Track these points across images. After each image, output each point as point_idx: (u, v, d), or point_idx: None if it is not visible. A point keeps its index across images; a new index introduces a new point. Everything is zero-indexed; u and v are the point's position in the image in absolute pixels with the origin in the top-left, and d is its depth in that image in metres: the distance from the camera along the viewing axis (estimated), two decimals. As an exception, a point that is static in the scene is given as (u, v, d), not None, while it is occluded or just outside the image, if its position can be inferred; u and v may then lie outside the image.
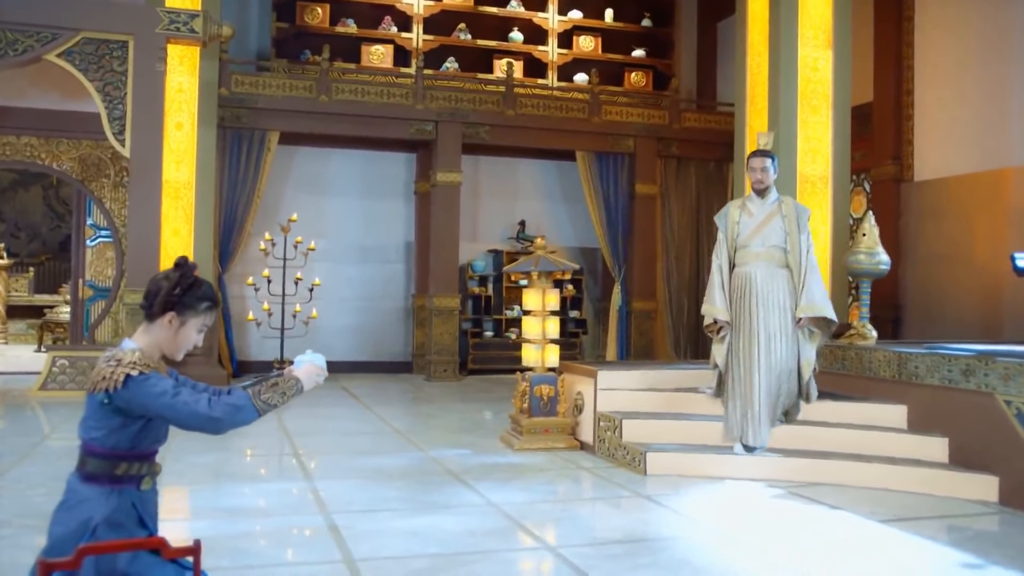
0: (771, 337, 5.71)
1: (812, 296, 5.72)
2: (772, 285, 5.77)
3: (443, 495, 5.21)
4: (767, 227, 5.85)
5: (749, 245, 5.87)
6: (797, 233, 5.81)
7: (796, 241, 5.80)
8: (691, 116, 12.68)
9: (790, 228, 5.84)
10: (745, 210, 5.96)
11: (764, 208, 5.92)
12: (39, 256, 18.57)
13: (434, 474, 5.79)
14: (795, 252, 5.80)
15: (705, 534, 4.48)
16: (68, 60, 9.06)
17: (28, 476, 5.48)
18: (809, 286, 5.73)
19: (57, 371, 9.25)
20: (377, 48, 12.21)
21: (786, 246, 5.82)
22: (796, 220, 5.84)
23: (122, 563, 2.60)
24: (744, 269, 5.85)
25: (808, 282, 5.75)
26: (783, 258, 5.81)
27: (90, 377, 2.69)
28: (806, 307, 5.71)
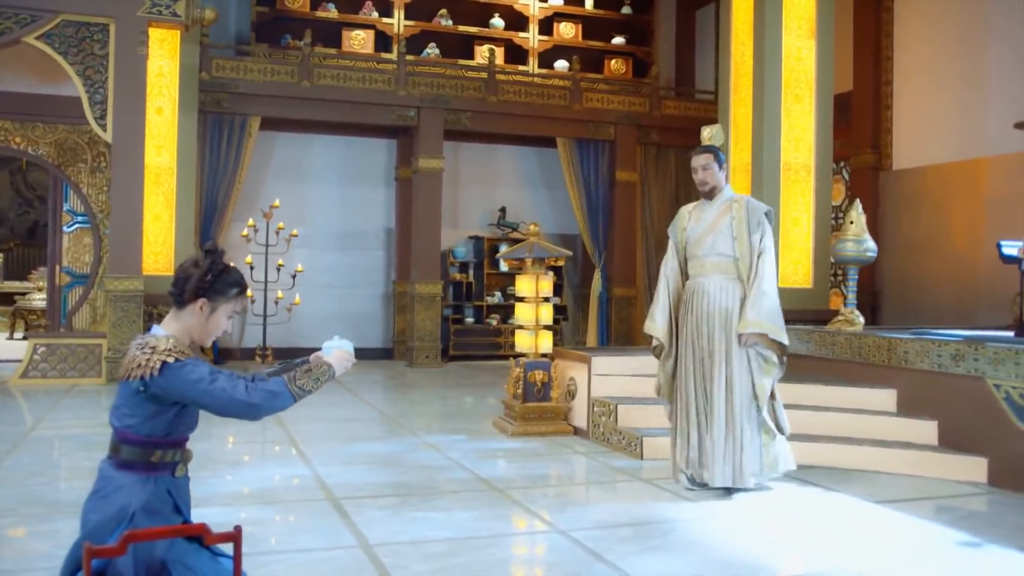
0: (729, 359, 4.98)
1: (760, 309, 4.91)
2: (726, 299, 5.02)
3: (447, 480, 5.25)
4: (714, 233, 5.10)
5: (698, 254, 5.16)
6: (747, 236, 5.02)
7: (745, 245, 5.02)
8: (670, 104, 12.77)
9: (738, 232, 5.05)
10: (693, 215, 5.26)
11: (712, 211, 5.16)
12: (7, 242, 18.29)
13: (434, 460, 5.82)
14: (744, 258, 5.02)
15: (709, 516, 4.56)
16: (48, 43, 8.94)
17: (25, 465, 5.44)
18: (755, 297, 4.94)
19: (38, 359, 9.14)
20: (358, 33, 12.14)
21: (735, 253, 5.05)
22: (747, 222, 5.04)
23: (160, 550, 2.61)
24: (695, 281, 5.15)
25: (755, 292, 4.95)
26: (734, 267, 5.05)
27: (122, 364, 2.68)
28: (752, 322, 4.90)
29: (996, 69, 9.25)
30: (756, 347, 4.95)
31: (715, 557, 3.98)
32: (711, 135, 5.30)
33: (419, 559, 3.73)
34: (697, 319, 5.05)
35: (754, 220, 5.04)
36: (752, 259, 5.01)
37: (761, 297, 4.93)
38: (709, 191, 5.18)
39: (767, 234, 5.05)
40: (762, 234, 5.04)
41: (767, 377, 5.00)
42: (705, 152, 5.17)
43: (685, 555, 3.87)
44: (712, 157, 5.15)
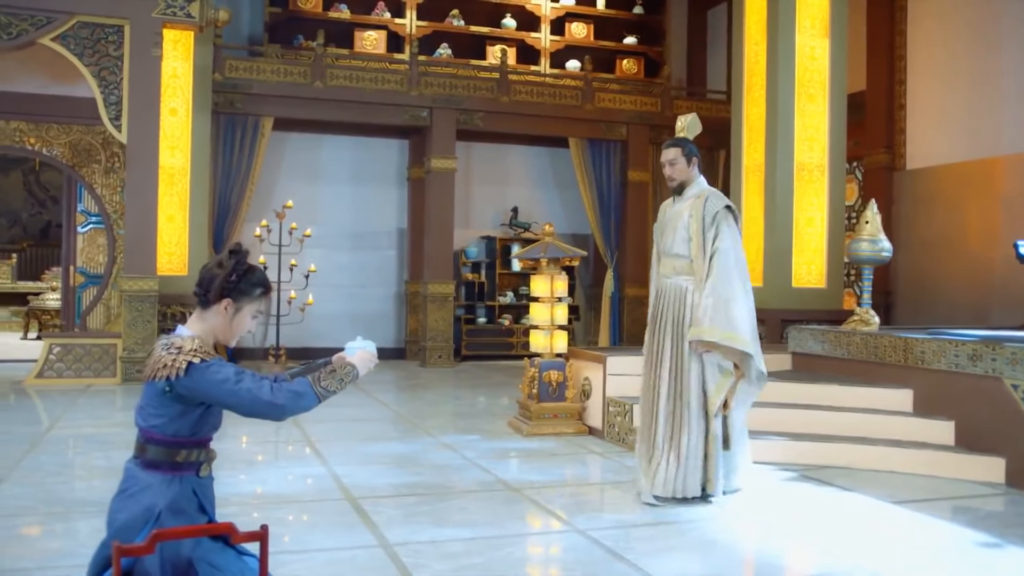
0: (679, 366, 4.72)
1: (709, 315, 4.55)
2: (678, 303, 4.77)
3: (463, 480, 5.26)
4: (674, 231, 4.82)
5: (662, 254, 4.93)
6: (701, 235, 4.67)
7: (699, 245, 4.68)
8: (682, 104, 12.74)
9: (693, 231, 4.70)
10: (664, 212, 5.03)
11: (677, 208, 4.88)
12: (20, 243, 18.37)
13: (450, 460, 5.82)
14: (698, 259, 4.69)
15: (726, 516, 4.56)
16: (63, 44, 8.97)
17: (43, 465, 5.47)
18: (705, 302, 4.60)
19: (54, 358, 9.18)
20: (370, 34, 12.16)
21: (690, 253, 4.74)
22: (701, 219, 4.68)
23: (186, 549, 2.62)
24: (659, 282, 4.93)
25: (705, 296, 4.61)
26: (690, 268, 4.75)
27: (148, 364, 2.70)
28: (701, 329, 4.58)
29: (1010, 67, 9.22)
30: (709, 355, 4.65)
31: (733, 556, 3.98)
32: (684, 126, 4.97)
33: (439, 558, 3.74)
34: (654, 323, 4.87)
35: (708, 217, 4.67)
36: (705, 260, 4.67)
37: (711, 301, 4.57)
38: (677, 187, 4.89)
39: (723, 233, 4.65)
40: (716, 233, 4.66)
41: (719, 389, 4.67)
42: (673, 146, 4.87)
43: (704, 554, 3.88)
44: (680, 151, 4.83)
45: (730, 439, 4.79)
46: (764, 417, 6.13)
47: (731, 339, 4.55)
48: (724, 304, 4.56)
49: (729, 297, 4.59)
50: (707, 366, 4.67)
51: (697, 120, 5.03)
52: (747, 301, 4.68)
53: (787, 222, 8.72)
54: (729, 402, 4.74)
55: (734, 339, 4.56)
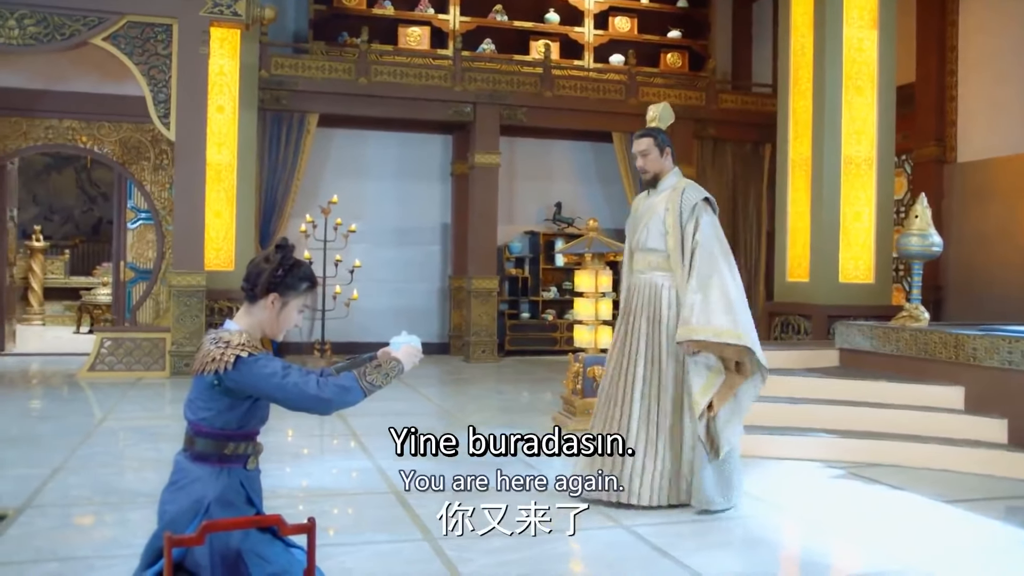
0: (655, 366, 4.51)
1: (697, 312, 4.34)
2: (653, 299, 4.55)
3: (507, 474, 5.25)
4: (647, 225, 4.63)
5: (634, 248, 4.74)
6: (679, 228, 4.48)
7: (676, 239, 4.49)
8: (727, 97, 12.64)
9: (670, 225, 4.51)
10: (638, 206, 4.82)
11: (652, 201, 4.69)
12: (73, 239, 18.75)
13: (493, 454, 5.83)
14: (675, 253, 4.50)
15: (772, 513, 4.52)
16: (113, 44, 9.12)
17: (96, 455, 5.57)
18: (690, 298, 4.38)
19: (105, 352, 9.36)
20: (414, 30, 12.21)
21: (666, 248, 4.55)
22: (679, 212, 4.50)
23: (235, 540, 2.66)
24: (632, 279, 4.73)
25: (690, 292, 4.40)
26: (666, 263, 4.56)
27: (196, 358, 2.73)
28: (694, 328, 4.34)
29: (1066, 58, 9.01)
30: (699, 355, 4.40)
31: (780, 554, 3.95)
32: (656, 115, 4.73)
33: (484, 552, 3.76)
34: (625, 321, 4.66)
35: (686, 210, 4.48)
36: (684, 254, 4.47)
37: (698, 298, 4.35)
38: (650, 179, 4.67)
39: (703, 226, 4.46)
40: (696, 226, 4.46)
41: (705, 390, 4.39)
42: (644, 136, 4.65)
43: (750, 552, 3.85)
44: (652, 141, 4.61)
45: (720, 448, 4.42)
46: (811, 414, 6.08)
47: (720, 335, 4.30)
48: (712, 300, 4.34)
49: (715, 293, 4.35)
50: (691, 366, 4.41)
51: (669, 109, 4.81)
52: (737, 295, 4.42)
53: (834, 217, 8.61)
54: (715, 405, 4.43)
55: (723, 334, 4.30)
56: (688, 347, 4.40)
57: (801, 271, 8.93)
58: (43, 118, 11.00)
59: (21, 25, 8.91)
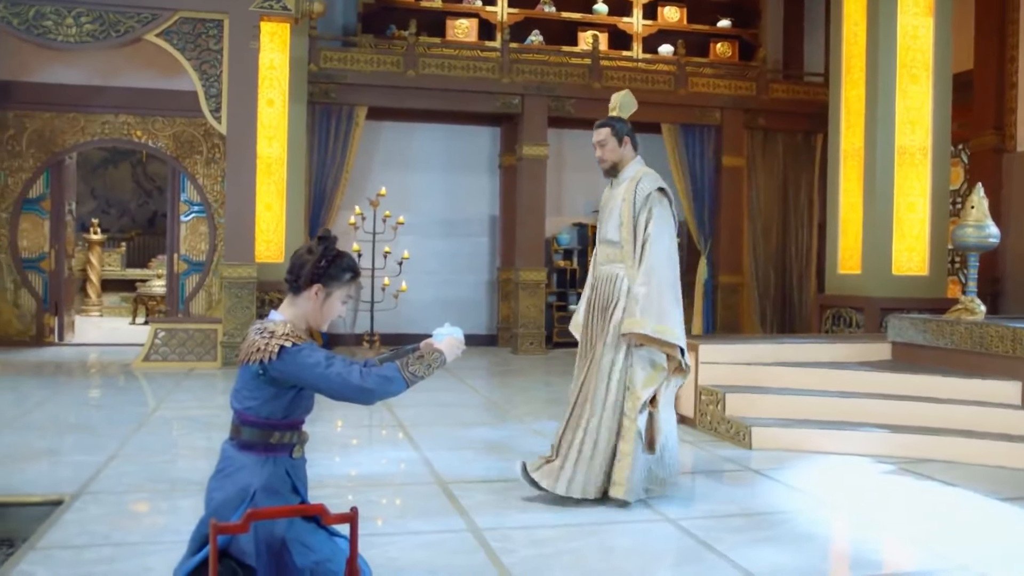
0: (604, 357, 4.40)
1: (642, 306, 4.25)
2: (608, 291, 4.48)
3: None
4: (607, 216, 4.57)
5: (600, 240, 4.66)
6: (632, 219, 4.40)
7: (629, 230, 4.40)
8: (778, 87, 12.48)
9: (625, 216, 4.43)
10: (603, 197, 4.73)
11: (612, 192, 4.61)
12: (129, 231, 19.09)
13: (541, 446, 5.82)
14: (628, 244, 4.41)
15: (821, 508, 4.46)
16: (166, 40, 9.27)
17: (149, 444, 5.68)
18: (637, 292, 4.31)
19: (159, 343, 9.53)
20: (462, 22, 12.22)
21: (620, 239, 4.47)
22: (633, 203, 4.41)
23: (280, 528, 2.69)
24: (596, 271, 4.64)
25: (637, 285, 4.32)
26: (621, 255, 4.47)
27: (242, 348, 2.77)
28: (633, 321, 4.27)
29: None
30: (640, 349, 4.33)
31: (828, 550, 3.90)
32: (616, 104, 4.64)
33: (527, 544, 3.76)
34: (588, 313, 4.59)
35: (640, 201, 4.41)
36: (636, 246, 4.39)
37: (644, 292, 4.28)
38: (609, 169, 4.59)
39: (656, 217, 4.37)
40: (648, 217, 4.38)
41: (648, 383, 4.33)
42: (602, 126, 4.58)
43: (797, 547, 3.79)
44: (609, 131, 4.53)
45: (656, 441, 4.36)
46: (862, 408, 5.98)
47: (663, 332, 4.24)
48: (657, 295, 4.26)
49: (661, 288, 4.28)
50: (636, 359, 4.33)
51: (631, 97, 4.71)
52: (676, 292, 4.36)
53: (887, 208, 8.46)
54: (658, 398, 4.38)
55: (665, 332, 4.24)
56: (631, 339, 4.34)
57: (853, 263, 8.79)
58: (100, 113, 11.23)
59: (78, 23, 9.09)
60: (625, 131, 4.56)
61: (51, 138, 11.19)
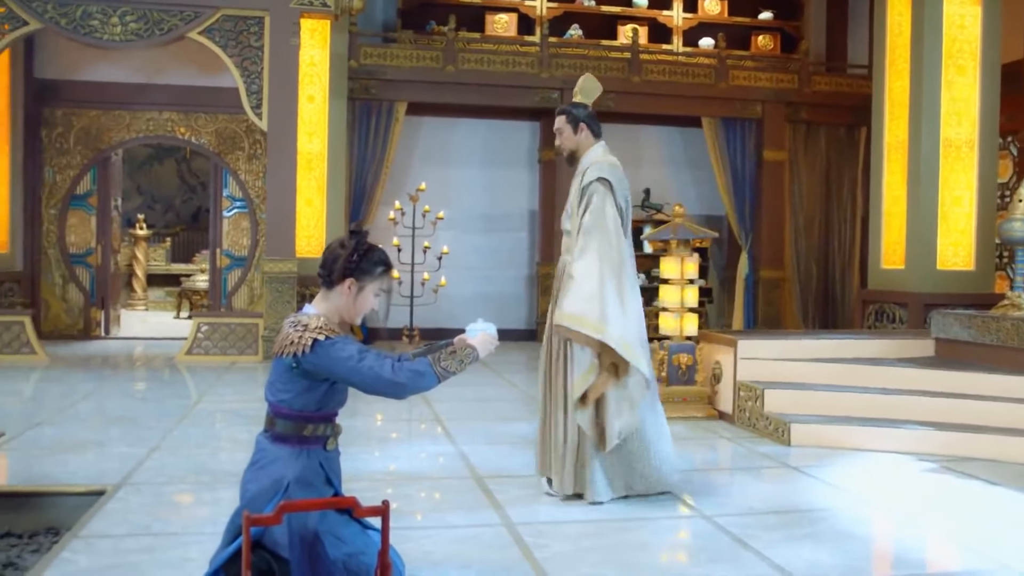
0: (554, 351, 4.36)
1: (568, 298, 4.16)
2: (559, 283, 4.46)
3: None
4: (566, 207, 4.50)
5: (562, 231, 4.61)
6: (578, 209, 4.32)
7: (576, 220, 4.32)
8: (821, 79, 12.32)
9: (573, 207, 4.37)
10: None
11: (573, 182, 4.50)
12: (174, 227, 19.39)
13: (575, 441, 5.83)
14: (574, 235, 4.32)
15: (861, 506, 4.40)
16: (208, 37, 9.37)
17: (191, 436, 5.76)
18: (565, 284, 4.25)
19: (202, 336, 9.66)
20: (501, 17, 12.22)
21: (569, 229, 4.40)
22: (579, 192, 4.36)
23: (313, 520, 2.72)
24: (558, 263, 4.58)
25: (566, 278, 4.26)
26: (570, 246, 4.39)
27: (276, 341, 2.80)
28: (558, 312, 4.22)
29: None
30: (574, 343, 4.20)
31: (867, 549, 3.85)
32: (578, 89, 4.58)
33: (561, 539, 3.76)
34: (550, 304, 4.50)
35: (582, 191, 4.32)
36: (573, 240, 4.29)
37: (569, 283, 4.18)
38: (568, 157, 4.54)
39: (591, 208, 4.23)
40: (586, 207, 4.25)
41: (583, 379, 4.18)
42: (560, 114, 4.54)
43: (835, 545, 3.74)
44: (564, 119, 4.49)
45: (608, 439, 4.22)
46: (904, 405, 5.90)
47: (580, 324, 4.07)
48: (580, 287, 4.12)
49: (585, 280, 4.12)
50: (576, 352, 4.19)
51: (592, 81, 4.62)
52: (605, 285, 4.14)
53: (932, 201, 8.32)
54: (589, 396, 4.21)
55: (583, 324, 4.07)
56: (557, 331, 4.26)
57: (896, 258, 8.66)
58: (144, 110, 11.40)
59: (123, 22, 9.23)
60: (582, 117, 4.48)
61: (98, 135, 11.38)
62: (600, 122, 4.66)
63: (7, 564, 3.91)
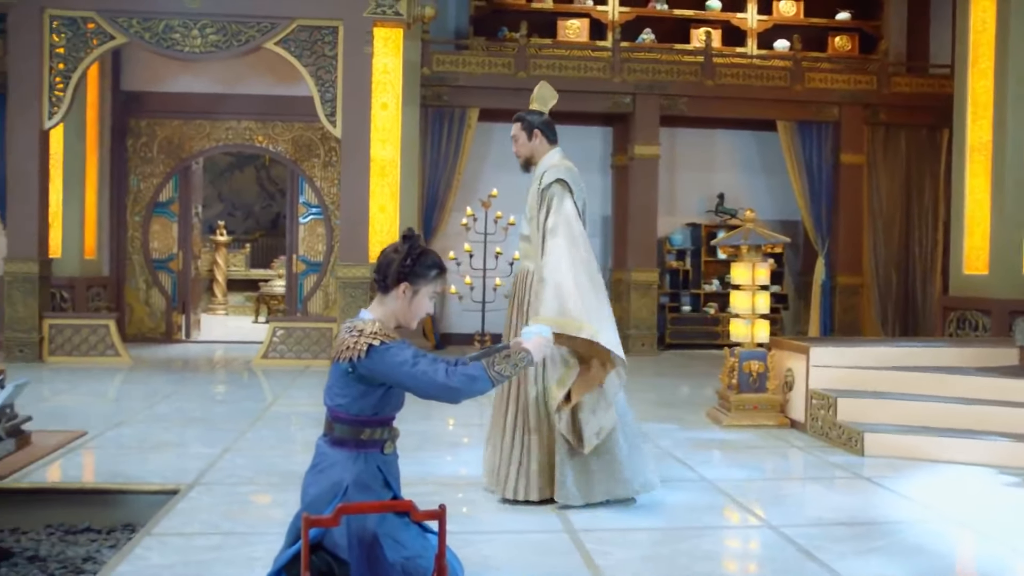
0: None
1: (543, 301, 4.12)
2: (519, 288, 4.45)
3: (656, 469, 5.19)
4: (524, 212, 4.52)
5: (519, 236, 4.63)
6: (536, 213, 4.33)
7: (535, 225, 4.33)
8: (901, 80, 12.03)
9: (532, 211, 4.38)
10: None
11: (531, 188, 4.49)
12: (253, 233, 19.84)
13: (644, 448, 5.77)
14: (535, 239, 4.32)
15: (937, 520, 4.27)
16: (284, 47, 9.57)
17: (264, 438, 5.88)
18: (538, 287, 4.21)
19: (277, 341, 9.85)
20: (573, 22, 12.21)
21: (529, 234, 4.42)
22: (537, 196, 4.36)
23: (371, 523, 2.75)
24: (515, 269, 4.59)
25: (538, 281, 4.23)
26: (531, 251, 4.40)
27: (334, 347, 2.84)
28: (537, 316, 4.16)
29: None
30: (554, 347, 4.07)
31: (941, 565, 3.72)
32: (534, 96, 4.60)
33: (623, 546, 3.73)
34: (509, 310, 4.52)
35: (540, 194, 4.32)
36: (539, 240, 4.28)
37: (543, 286, 4.14)
38: (524, 164, 4.56)
39: (553, 209, 4.24)
40: (548, 210, 4.26)
41: (561, 382, 4.14)
42: (515, 121, 4.55)
43: (906, 560, 3.63)
44: (519, 126, 4.51)
45: (585, 441, 4.17)
46: (985, 416, 5.70)
47: (563, 326, 4.01)
48: (554, 288, 4.09)
49: (560, 280, 4.10)
50: (548, 358, 4.05)
51: (547, 88, 4.61)
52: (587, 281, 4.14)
53: (1018, 204, 8.05)
54: (573, 396, 4.15)
55: (567, 325, 4.02)
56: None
57: (980, 263, 8.40)
58: (223, 120, 11.72)
59: (203, 34, 9.49)
60: (536, 123, 4.50)
61: (179, 144, 11.72)
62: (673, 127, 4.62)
63: (86, 558, 4.04)
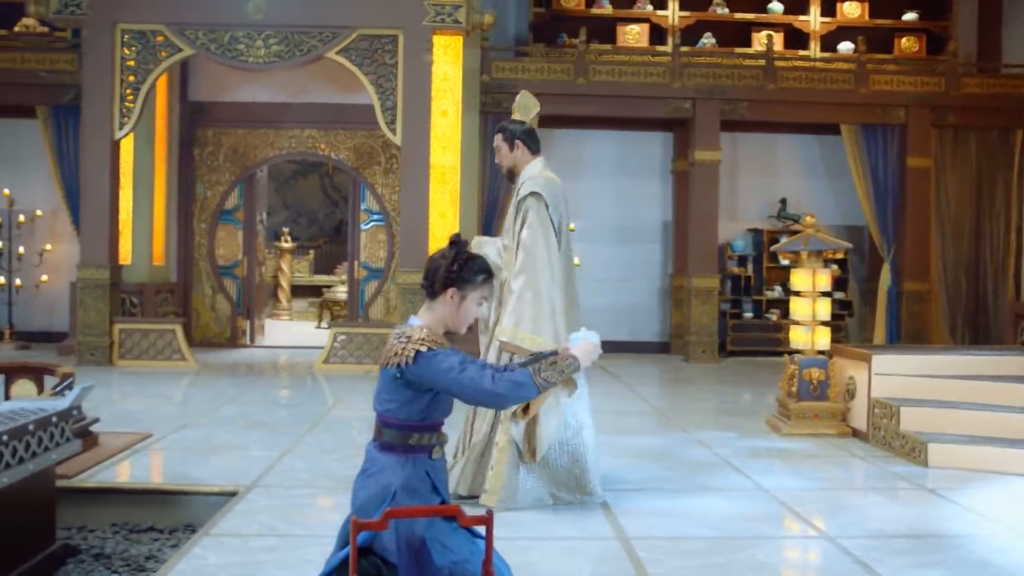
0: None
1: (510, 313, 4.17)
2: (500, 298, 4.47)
3: (711, 477, 5.15)
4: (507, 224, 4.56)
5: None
6: (514, 225, 4.38)
7: (512, 237, 4.38)
8: (971, 81, 11.72)
9: (509, 222, 4.45)
10: None
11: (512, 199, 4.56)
12: (317, 240, 20.11)
13: (702, 456, 5.73)
14: (511, 251, 4.38)
15: (1003, 534, 4.15)
16: (346, 56, 9.71)
17: (322, 442, 5.96)
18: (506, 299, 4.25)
19: (338, 346, 9.98)
20: (632, 28, 12.17)
21: (508, 244, 4.46)
22: (514, 208, 4.42)
23: (419, 528, 2.76)
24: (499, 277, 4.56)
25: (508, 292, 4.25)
26: (508, 261, 4.44)
27: (382, 353, 2.87)
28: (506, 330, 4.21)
29: None
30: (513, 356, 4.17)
31: (1004, 578, 3.63)
32: (515, 106, 4.67)
33: (676, 555, 3.70)
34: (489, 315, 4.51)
35: (517, 206, 4.38)
36: (514, 250, 4.33)
37: (513, 300, 4.19)
38: (507, 174, 4.60)
39: (528, 223, 4.29)
40: (522, 223, 4.31)
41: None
42: (496, 132, 4.61)
43: (970, 575, 3.54)
44: (500, 137, 4.56)
45: (537, 449, 4.23)
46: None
47: (520, 339, 4.12)
48: (518, 301, 4.16)
49: (525, 293, 4.17)
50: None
51: (529, 98, 4.65)
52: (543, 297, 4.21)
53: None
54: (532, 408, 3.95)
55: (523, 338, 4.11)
56: (504, 347, 4.25)
57: (1051, 269, 8.15)
58: (287, 128, 11.92)
59: (267, 44, 9.68)
60: (518, 133, 4.53)
61: (244, 153, 11.96)
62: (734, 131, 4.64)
63: (148, 557, 4.15)
